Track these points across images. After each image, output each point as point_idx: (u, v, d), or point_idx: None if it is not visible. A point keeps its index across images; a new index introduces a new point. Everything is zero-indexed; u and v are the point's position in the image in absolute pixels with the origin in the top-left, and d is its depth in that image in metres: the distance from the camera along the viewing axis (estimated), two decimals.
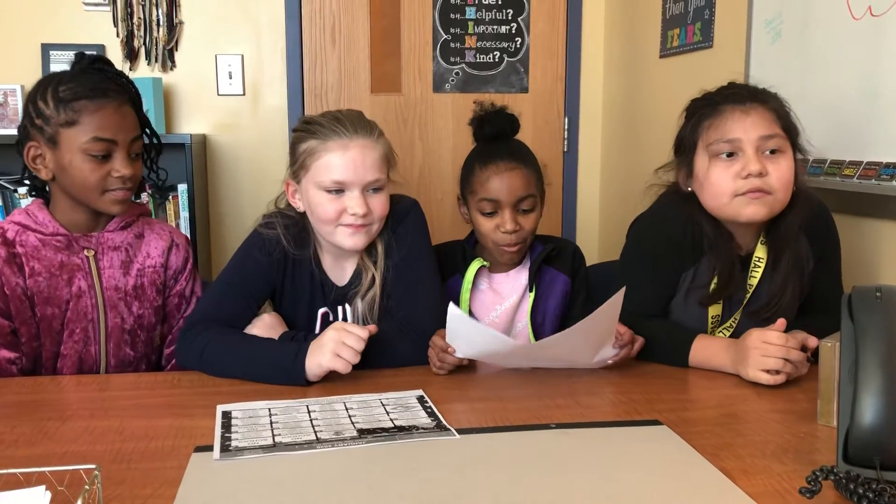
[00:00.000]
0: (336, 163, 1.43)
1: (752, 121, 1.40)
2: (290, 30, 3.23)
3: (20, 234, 1.47)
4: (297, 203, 1.52)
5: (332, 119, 1.47)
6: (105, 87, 1.45)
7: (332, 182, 1.44)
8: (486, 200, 1.59)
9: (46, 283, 1.46)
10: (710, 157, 1.44)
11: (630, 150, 3.18)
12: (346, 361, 1.30)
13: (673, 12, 2.75)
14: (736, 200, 1.42)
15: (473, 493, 0.92)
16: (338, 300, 1.55)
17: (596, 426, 1.14)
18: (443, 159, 3.39)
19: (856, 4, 1.75)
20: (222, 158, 3.26)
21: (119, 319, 1.52)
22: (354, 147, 1.44)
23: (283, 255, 1.51)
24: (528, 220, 1.61)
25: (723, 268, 1.47)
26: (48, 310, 1.46)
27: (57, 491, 0.81)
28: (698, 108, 1.48)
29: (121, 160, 1.45)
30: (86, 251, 1.50)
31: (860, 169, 1.72)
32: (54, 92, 1.43)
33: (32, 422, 1.16)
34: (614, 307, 1.29)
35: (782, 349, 1.29)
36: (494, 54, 3.37)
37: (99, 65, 1.50)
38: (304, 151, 1.47)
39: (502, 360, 1.40)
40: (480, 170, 1.61)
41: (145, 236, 1.57)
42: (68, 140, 1.42)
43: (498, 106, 1.68)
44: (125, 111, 1.46)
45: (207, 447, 1.05)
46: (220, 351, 1.39)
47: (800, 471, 0.98)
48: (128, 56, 3.11)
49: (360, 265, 1.55)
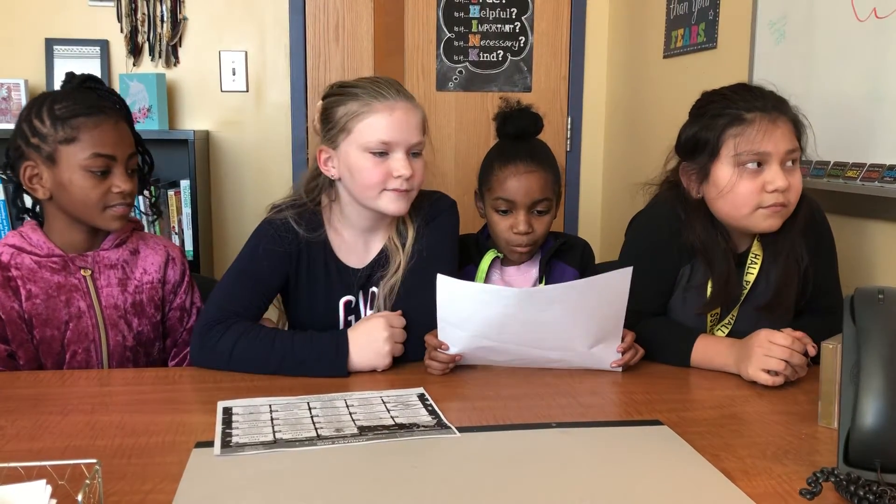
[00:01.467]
0: (383, 123, 1.42)
1: (780, 133, 1.40)
2: (293, 27, 3.23)
3: (14, 256, 1.45)
4: (330, 171, 1.48)
5: (372, 82, 1.46)
6: (101, 105, 1.45)
7: (379, 143, 1.42)
8: (501, 199, 1.61)
9: (44, 305, 1.45)
10: (736, 166, 1.41)
11: (633, 150, 3.18)
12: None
13: (677, 12, 2.75)
14: (758, 213, 1.42)
15: (474, 492, 0.92)
16: (359, 284, 1.53)
17: (596, 426, 1.14)
18: (446, 157, 3.39)
19: (861, 6, 1.74)
20: (225, 155, 3.26)
21: (120, 338, 1.51)
22: (399, 109, 1.43)
23: (296, 244, 1.49)
24: (541, 222, 1.62)
25: (719, 273, 1.47)
26: (47, 332, 1.45)
27: (58, 485, 0.81)
28: (718, 112, 1.44)
29: (120, 176, 1.45)
30: (82, 271, 1.48)
31: (863, 171, 1.72)
32: (50, 110, 1.42)
33: (33, 416, 1.16)
34: (622, 282, 1.30)
35: (786, 351, 1.29)
36: (498, 53, 3.37)
37: (91, 83, 1.50)
38: (345, 114, 1.44)
39: (496, 347, 1.37)
40: (499, 169, 1.61)
41: (140, 252, 1.56)
42: (67, 157, 1.42)
43: (524, 104, 1.69)
44: (121, 128, 1.47)
45: (208, 443, 1.05)
46: (253, 347, 1.38)
47: (800, 472, 0.98)
48: (131, 52, 3.11)
49: (387, 246, 1.53)
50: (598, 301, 1.33)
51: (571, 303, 1.32)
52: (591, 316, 1.34)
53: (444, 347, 1.36)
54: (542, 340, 1.36)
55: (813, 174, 1.83)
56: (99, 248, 1.51)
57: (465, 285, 1.34)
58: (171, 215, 2.95)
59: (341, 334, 1.39)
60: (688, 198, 1.50)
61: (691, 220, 1.49)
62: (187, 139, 2.88)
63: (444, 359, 1.37)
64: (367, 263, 1.54)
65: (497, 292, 1.34)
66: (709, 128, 1.45)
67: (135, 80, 2.95)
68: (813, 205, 1.52)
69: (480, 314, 1.33)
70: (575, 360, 1.39)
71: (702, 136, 1.46)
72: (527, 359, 1.40)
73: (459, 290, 1.33)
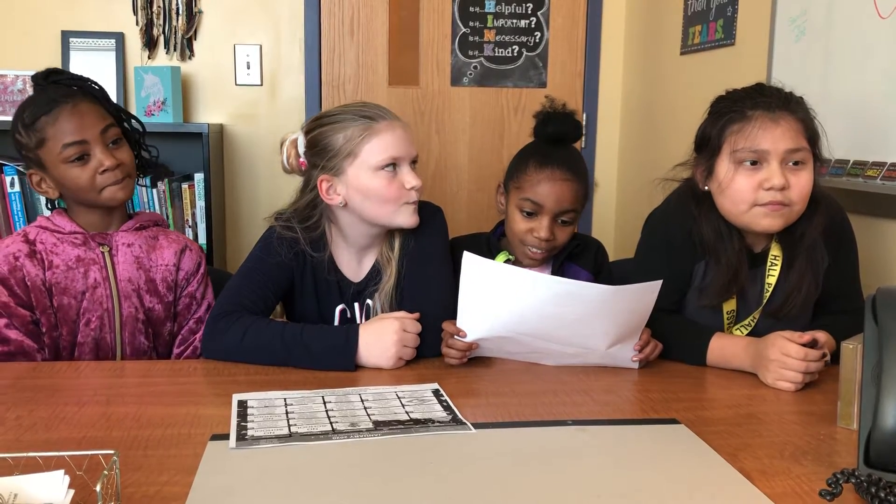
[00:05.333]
0: (389, 141, 1.48)
1: (780, 131, 1.39)
2: (308, 21, 3.22)
3: (40, 234, 1.54)
4: (333, 199, 1.51)
5: (361, 107, 1.52)
6: (54, 97, 1.49)
7: (390, 158, 1.47)
8: (530, 201, 1.56)
9: (64, 275, 1.51)
10: (734, 163, 1.42)
11: (648, 148, 3.16)
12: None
13: (695, 9, 2.73)
14: (754, 210, 1.41)
15: (490, 488, 0.91)
16: (354, 297, 1.57)
17: (613, 423, 1.13)
18: (459, 152, 3.39)
19: (883, 3, 1.72)
20: (239, 148, 3.26)
21: (133, 309, 1.56)
22: (398, 126, 1.51)
23: (301, 253, 1.53)
24: (563, 232, 1.59)
25: (727, 267, 1.46)
26: (65, 300, 1.52)
27: (75, 475, 0.81)
28: (725, 109, 1.45)
29: (100, 153, 1.49)
30: (101, 247, 1.55)
31: (884, 170, 1.70)
32: (21, 120, 1.50)
33: (49, 406, 1.16)
34: (650, 295, 1.29)
35: (801, 364, 1.29)
36: (513, 48, 3.36)
37: (53, 77, 1.54)
38: (347, 140, 1.48)
39: (514, 338, 1.36)
40: (535, 170, 1.57)
41: (159, 240, 1.61)
42: (48, 157, 1.49)
43: (568, 108, 1.65)
44: (82, 109, 1.49)
45: (223, 436, 1.05)
46: (263, 336, 1.39)
47: (819, 473, 0.97)
48: (146, 45, 3.11)
49: (378, 261, 1.57)
50: (624, 309, 1.32)
51: (597, 305, 1.30)
52: (615, 322, 1.33)
53: (462, 335, 1.36)
54: (560, 336, 1.35)
55: (832, 173, 1.81)
56: (118, 229, 1.57)
57: (492, 264, 1.34)
58: (185, 208, 2.96)
59: (352, 328, 1.39)
60: (701, 194, 1.50)
61: (702, 215, 1.48)
62: (201, 132, 2.89)
63: (461, 346, 1.37)
64: (362, 279, 1.58)
65: (525, 274, 1.33)
66: (713, 124, 1.46)
67: (150, 73, 2.96)
68: (833, 205, 1.50)
69: (504, 297, 1.32)
70: (592, 358, 1.38)
71: (707, 132, 1.48)
72: (543, 353, 1.39)
73: (486, 269, 1.32)
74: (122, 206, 1.58)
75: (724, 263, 1.46)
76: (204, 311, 1.62)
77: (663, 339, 1.42)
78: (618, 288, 1.29)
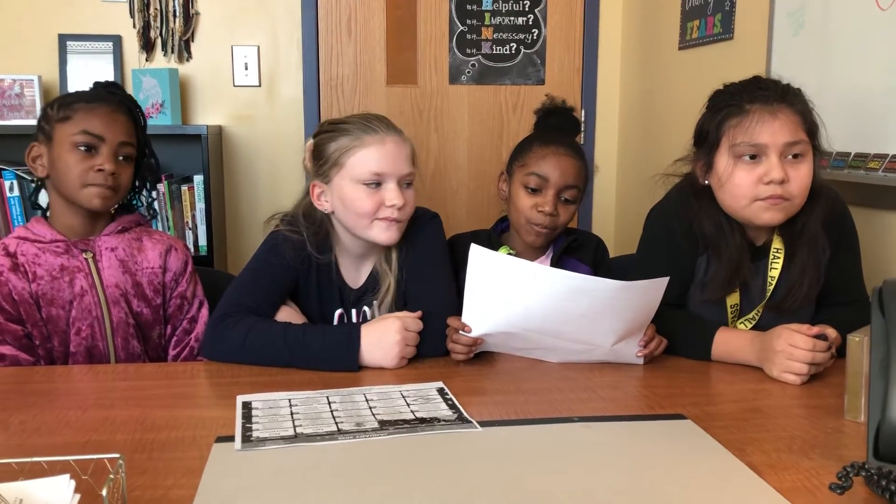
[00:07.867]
0: (374, 155, 1.47)
1: (779, 124, 1.38)
2: (306, 21, 3.22)
3: (20, 245, 1.52)
4: (323, 205, 1.52)
5: (363, 118, 1.51)
6: (101, 96, 1.53)
7: (372, 174, 1.46)
8: (535, 175, 1.61)
9: (49, 285, 1.50)
10: (733, 157, 1.42)
11: (647, 143, 3.15)
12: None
13: (693, 3, 2.72)
14: (755, 205, 1.41)
15: (497, 486, 0.91)
16: (353, 303, 1.57)
17: (619, 420, 1.13)
18: (458, 151, 3.38)
19: None
20: (238, 149, 3.25)
21: (123, 314, 1.55)
22: (390, 142, 1.49)
23: (307, 256, 1.53)
24: (566, 210, 1.63)
25: (728, 261, 1.46)
26: (53, 310, 1.50)
27: (81, 479, 0.80)
28: (723, 103, 1.45)
29: (106, 156, 1.50)
30: (84, 254, 1.54)
31: (885, 162, 1.70)
32: (61, 98, 1.55)
33: (53, 411, 1.16)
34: (657, 292, 1.29)
35: (808, 355, 1.28)
36: (511, 46, 3.35)
37: (111, 88, 1.59)
38: (336, 149, 1.49)
39: (519, 333, 1.36)
40: (539, 147, 1.63)
41: (143, 242, 1.60)
42: (61, 134, 1.50)
43: (568, 105, 1.75)
44: (118, 117, 1.53)
45: (228, 437, 1.04)
46: (265, 337, 1.39)
47: (828, 466, 0.96)
48: (144, 47, 3.11)
49: (376, 268, 1.57)
50: (631, 305, 1.32)
51: (604, 301, 1.30)
52: (622, 318, 1.32)
53: (467, 330, 1.36)
54: (566, 332, 1.34)
55: (834, 165, 1.81)
56: (100, 234, 1.56)
57: (500, 257, 1.34)
58: (184, 210, 2.95)
59: (354, 328, 1.39)
60: (701, 188, 1.49)
61: (703, 210, 1.48)
62: (200, 134, 2.88)
63: (466, 341, 1.37)
64: (360, 285, 1.58)
65: (533, 267, 1.33)
66: (712, 119, 1.46)
67: (147, 76, 2.95)
68: (834, 197, 1.50)
69: (511, 290, 1.32)
70: (597, 354, 1.38)
71: (705, 126, 1.48)
72: (548, 349, 1.38)
73: (494, 261, 1.32)
74: (105, 213, 1.57)
75: (725, 258, 1.46)
76: (196, 309, 1.62)
77: (667, 334, 1.42)
78: (625, 284, 1.28)
